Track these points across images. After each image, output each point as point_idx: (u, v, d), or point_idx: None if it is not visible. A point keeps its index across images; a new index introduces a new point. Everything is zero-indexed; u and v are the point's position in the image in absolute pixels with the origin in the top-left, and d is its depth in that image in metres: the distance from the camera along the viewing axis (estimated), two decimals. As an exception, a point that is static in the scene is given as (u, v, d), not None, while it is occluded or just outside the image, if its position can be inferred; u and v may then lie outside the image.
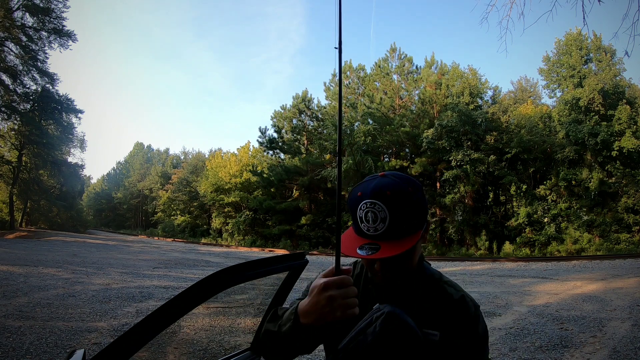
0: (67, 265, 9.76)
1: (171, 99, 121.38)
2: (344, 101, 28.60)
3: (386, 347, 0.72)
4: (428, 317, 0.83)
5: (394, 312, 0.73)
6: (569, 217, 18.53)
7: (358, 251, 0.77)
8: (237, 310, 5.64)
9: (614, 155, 17.75)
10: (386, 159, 25.72)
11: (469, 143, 20.55)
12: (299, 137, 29.21)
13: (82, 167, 30.53)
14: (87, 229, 40.36)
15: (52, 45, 24.33)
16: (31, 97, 24.93)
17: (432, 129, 21.19)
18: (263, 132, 29.31)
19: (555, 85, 22.22)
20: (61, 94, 25.87)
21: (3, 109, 23.79)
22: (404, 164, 23.15)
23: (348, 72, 29.58)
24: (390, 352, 0.72)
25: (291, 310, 0.81)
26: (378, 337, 0.72)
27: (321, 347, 0.95)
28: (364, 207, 0.79)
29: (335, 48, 0.78)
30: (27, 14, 22.96)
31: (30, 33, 23.43)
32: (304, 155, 27.63)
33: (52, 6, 23.38)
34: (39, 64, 24.22)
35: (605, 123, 18.37)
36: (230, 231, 30.28)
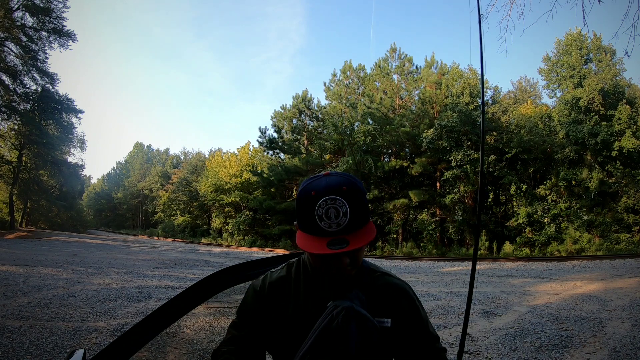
0: (67, 265, 9.76)
1: (171, 99, 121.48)
2: (343, 101, 28.66)
3: (351, 339, 0.77)
4: (376, 306, 0.88)
5: (351, 306, 0.78)
6: (569, 217, 18.53)
7: (330, 247, 0.77)
8: (237, 311, 5.62)
9: (614, 155, 17.75)
10: (386, 159, 25.72)
11: (469, 143, 20.55)
12: (299, 137, 29.22)
13: (82, 167, 30.56)
14: (87, 229, 40.37)
15: (52, 45, 24.35)
16: (31, 97, 24.94)
17: (432, 129, 21.19)
18: (263, 132, 29.32)
19: (555, 85, 22.22)
20: (61, 94, 25.90)
21: (3, 109, 23.79)
22: (404, 164, 23.15)
23: (348, 72, 29.59)
24: (355, 344, 0.77)
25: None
26: (342, 331, 0.76)
27: None
28: (323, 204, 0.78)
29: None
30: (27, 14, 22.96)
31: (30, 33, 23.43)
32: (304, 155, 27.63)
33: (52, 6, 23.39)
34: (39, 64, 24.23)
35: (605, 123, 18.37)
36: (230, 231, 30.28)
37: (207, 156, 46.07)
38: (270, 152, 30.80)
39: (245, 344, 0.92)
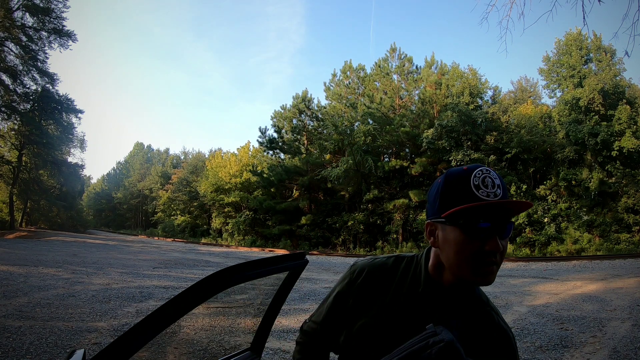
0: (67, 265, 9.76)
1: (171, 99, 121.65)
2: (343, 101, 28.68)
3: None
4: (471, 343, 0.77)
5: (453, 342, 0.67)
6: (569, 217, 18.52)
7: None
8: (237, 310, 5.64)
9: (614, 155, 17.75)
10: (386, 159, 25.72)
11: (469, 143, 20.55)
12: (299, 137, 29.22)
13: (82, 167, 30.57)
14: (87, 229, 40.38)
15: (52, 45, 24.37)
16: (31, 97, 24.95)
17: (432, 129, 21.19)
18: (263, 132, 29.32)
19: (555, 85, 22.22)
20: (61, 94, 25.92)
21: (3, 109, 23.80)
22: (404, 164, 23.15)
23: (348, 72, 29.59)
24: None
25: None
26: None
27: None
28: (479, 174, 0.73)
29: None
30: (27, 14, 22.97)
31: (30, 33, 23.44)
32: (304, 155, 27.64)
33: (52, 6, 23.40)
34: (39, 64, 24.24)
35: (605, 123, 18.37)
36: (230, 231, 30.28)
37: (207, 156, 46.07)
38: (270, 152, 30.79)
39: (320, 335, 0.88)
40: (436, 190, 0.78)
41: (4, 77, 23.50)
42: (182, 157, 56.52)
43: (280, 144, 29.30)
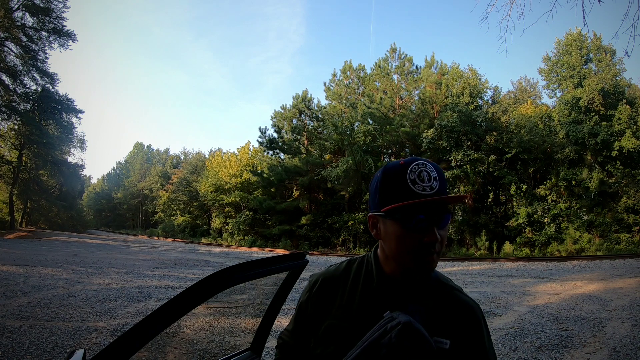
0: (67, 265, 9.76)
1: (171, 99, 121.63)
2: (343, 101, 28.68)
3: (401, 359, 0.69)
4: (437, 323, 0.79)
5: (409, 322, 0.70)
6: (569, 217, 18.52)
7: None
8: (237, 310, 5.64)
9: (614, 155, 17.75)
10: (386, 159, 25.72)
11: (469, 143, 20.55)
12: (299, 137, 29.22)
13: (82, 167, 30.56)
14: (87, 229, 40.36)
15: (52, 45, 24.36)
16: (31, 97, 24.95)
17: (432, 129, 21.19)
18: (263, 132, 29.32)
19: (555, 85, 22.22)
20: (61, 94, 25.92)
21: (3, 109, 23.80)
22: (404, 164, 23.12)
23: (348, 72, 29.59)
24: None
25: None
26: (394, 349, 0.69)
27: None
28: (415, 168, 0.75)
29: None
30: (27, 14, 22.97)
31: (30, 33, 23.44)
32: (304, 155, 27.63)
33: (52, 6, 23.40)
34: (39, 64, 24.24)
35: (605, 123, 18.37)
36: (230, 231, 30.27)
37: (207, 156, 46.07)
38: (270, 152, 30.79)
39: (294, 348, 0.91)
40: (376, 185, 0.80)
41: (4, 77, 23.50)
42: (182, 157, 56.52)
43: (280, 144, 29.30)
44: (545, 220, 18.96)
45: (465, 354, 0.78)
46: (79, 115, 27.10)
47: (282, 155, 30.22)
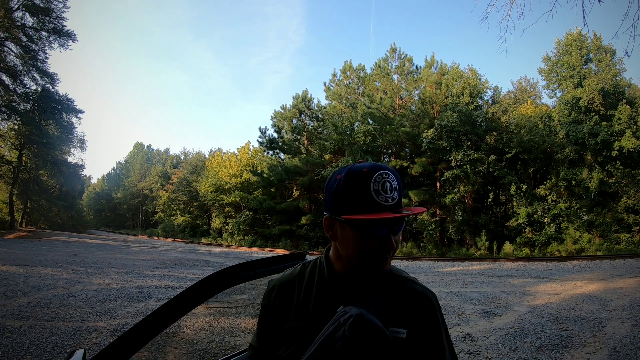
0: (67, 265, 9.76)
1: (171, 99, 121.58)
2: (343, 101, 28.67)
3: (356, 351, 0.70)
4: (393, 314, 0.81)
5: (361, 314, 0.71)
6: (569, 217, 18.52)
7: (393, 214, 0.75)
8: (237, 310, 5.64)
9: (614, 155, 17.75)
10: (386, 159, 25.72)
11: (469, 143, 20.55)
12: (299, 137, 29.22)
13: (82, 167, 30.56)
14: (87, 229, 40.37)
15: (52, 45, 24.36)
16: (31, 97, 24.94)
17: (432, 129, 21.18)
18: (263, 132, 29.31)
19: (555, 85, 22.21)
20: (61, 94, 25.90)
21: (3, 109, 23.80)
22: (404, 164, 23.15)
23: (348, 72, 29.58)
24: (360, 356, 0.70)
25: None
26: (348, 341, 0.69)
27: None
28: (379, 178, 0.76)
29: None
30: (27, 14, 22.97)
31: (30, 33, 23.44)
32: (304, 155, 27.63)
33: (52, 6, 23.39)
34: (39, 64, 24.23)
35: (605, 123, 18.36)
36: (230, 231, 30.28)
37: (207, 156, 46.07)
38: (270, 152, 30.79)
39: (262, 355, 0.90)
40: (336, 186, 0.80)
41: (4, 77, 23.50)
42: (182, 157, 56.51)
43: (280, 144, 29.30)
44: (545, 220, 18.96)
45: (422, 341, 0.80)
46: (79, 115, 27.12)
47: (282, 155, 30.21)
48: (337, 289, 0.84)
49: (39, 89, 24.93)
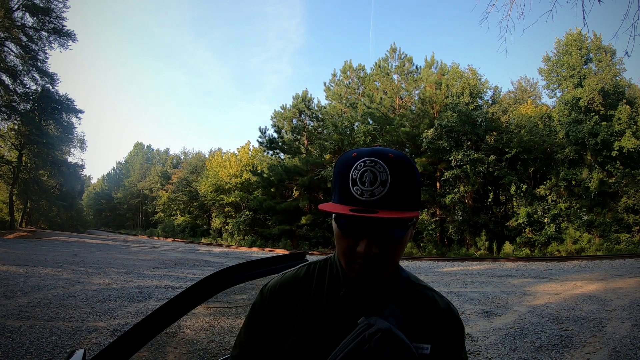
0: (67, 265, 9.76)
1: (171, 99, 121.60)
2: (343, 101, 28.67)
3: None
4: (415, 327, 0.72)
5: (389, 329, 0.65)
6: (569, 217, 18.53)
7: (350, 211, 0.63)
8: (237, 310, 5.64)
9: (614, 155, 17.75)
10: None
11: (469, 143, 20.55)
12: (299, 137, 29.22)
13: (82, 167, 30.57)
14: (87, 229, 40.38)
15: (52, 45, 24.37)
16: (31, 97, 24.95)
17: (432, 129, 21.19)
18: (263, 132, 29.31)
19: (555, 85, 22.21)
20: (61, 94, 25.92)
21: (3, 109, 23.80)
22: (404, 164, 23.11)
23: (348, 72, 29.58)
24: None
25: None
26: (375, 358, 0.62)
27: None
28: (360, 166, 0.65)
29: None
30: (27, 14, 22.98)
31: (30, 33, 23.44)
32: (304, 155, 27.63)
33: (52, 6, 23.41)
34: (39, 64, 24.25)
35: (605, 123, 18.37)
36: (230, 231, 30.28)
37: (207, 156, 46.06)
38: (270, 152, 30.79)
39: None
40: (333, 172, 0.71)
41: (4, 77, 23.51)
42: (182, 157, 56.50)
43: (280, 144, 29.30)
44: (545, 220, 18.96)
45: (444, 357, 0.73)
46: (79, 115, 27.13)
47: (282, 155, 30.21)
48: (353, 296, 0.73)
49: (39, 89, 24.94)
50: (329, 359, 0.65)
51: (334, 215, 0.68)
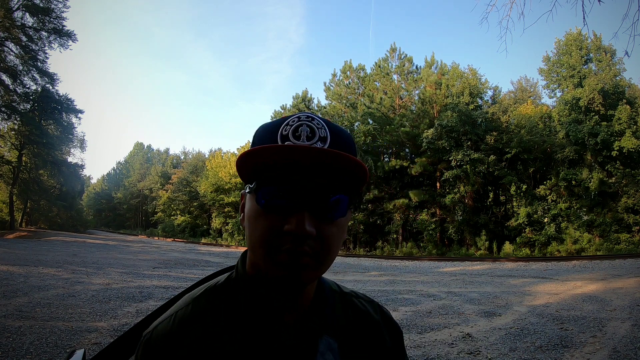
0: (67, 265, 9.76)
1: (171, 99, 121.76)
2: (343, 101, 28.66)
3: None
4: (354, 354, 0.57)
5: None
6: (569, 217, 18.53)
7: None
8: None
9: (614, 155, 17.75)
10: (386, 159, 25.72)
11: (469, 143, 20.55)
12: (299, 137, 29.19)
13: (82, 167, 30.53)
14: (87, 229, 40.37)
15: (52, 45, 24.35)
16: (31, 97, 24.94)
17: (432, 129, 21.19)
18: (263, 132, 29.31)
19: (555, 85, 22.23)
20: (61, 94, 25.90)
21: (3, 109, 23.79)
22: (404, 164, 23.15)
23: (348, 72, 29.58)
24: None
25: None
26: None
27: None
28: (294, 121, 0.50)
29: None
30: (27, 14, 22.96)
31: (30, 33, 23.43)
32: (304, 155, 27.61)
33: (52, 6, 23.38)
34: (39, 64, 24.23)
35: (605, 123, 18.37)
36: (230, 231, 30.29)
37: (207, 156, 46.07)
38: (270, 152, 30.78)
39: None
40: None
41: (4, 77, 23.49)
42: (182, 157, 56.51)
43: (280, 144, 29.29)
44: (545, 220, 18.96)
45: None
46: (79, 115, 27.11)
47: (282, 155, 30.20)
48: (266, 326, 0.52)
49: (39, 89, 24.93)
50: None
51: (247, 189, 0.51)
